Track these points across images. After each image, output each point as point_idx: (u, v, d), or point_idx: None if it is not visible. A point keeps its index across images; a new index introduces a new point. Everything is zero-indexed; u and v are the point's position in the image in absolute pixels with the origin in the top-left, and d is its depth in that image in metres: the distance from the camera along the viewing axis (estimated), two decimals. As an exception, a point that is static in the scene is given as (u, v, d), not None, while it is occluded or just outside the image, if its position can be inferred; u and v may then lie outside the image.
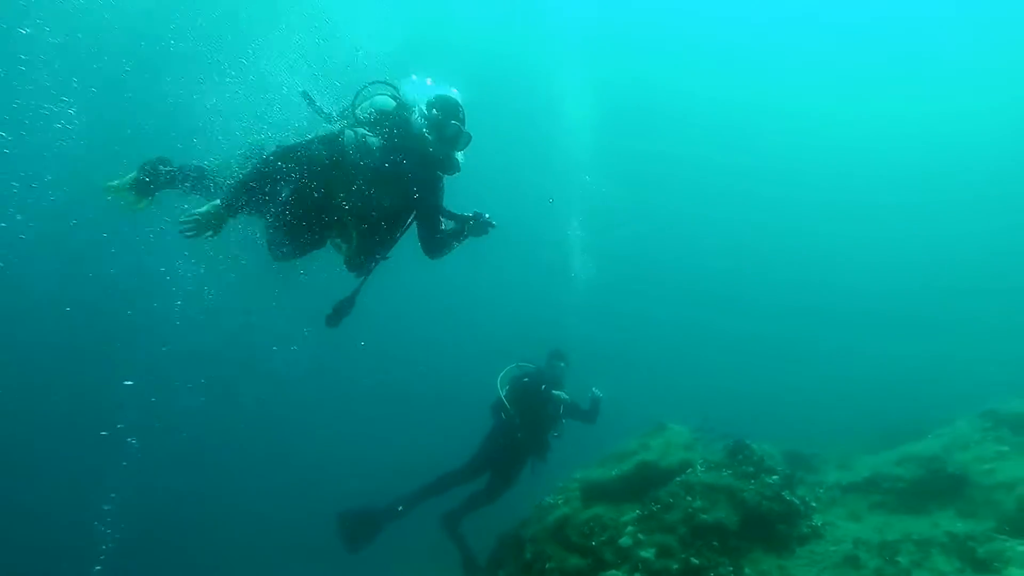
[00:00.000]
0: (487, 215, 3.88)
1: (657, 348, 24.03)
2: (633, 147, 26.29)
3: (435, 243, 3.95)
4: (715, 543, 4.46)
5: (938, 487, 4.81)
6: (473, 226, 3.88)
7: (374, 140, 3.44)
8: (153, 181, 3.96)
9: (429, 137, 3.50)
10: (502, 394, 6.40)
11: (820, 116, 29.13)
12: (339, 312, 3.75)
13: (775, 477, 4.95)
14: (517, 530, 5.94)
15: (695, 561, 4.32)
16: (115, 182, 4.01)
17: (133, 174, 4.04)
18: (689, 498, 4.80)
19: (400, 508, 6.32)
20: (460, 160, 3.63)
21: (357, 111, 3.64)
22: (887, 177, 29.08)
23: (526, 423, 6.31)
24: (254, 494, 16.07)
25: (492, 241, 4.14)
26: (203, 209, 3.27)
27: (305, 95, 3.78)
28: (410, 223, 3.83)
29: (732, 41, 27.17)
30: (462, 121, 3.56)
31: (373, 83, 3.71)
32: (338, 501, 6.60)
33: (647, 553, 4.47)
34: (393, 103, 3.63)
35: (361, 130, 3.45)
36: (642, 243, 27.95)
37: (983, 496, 4.39)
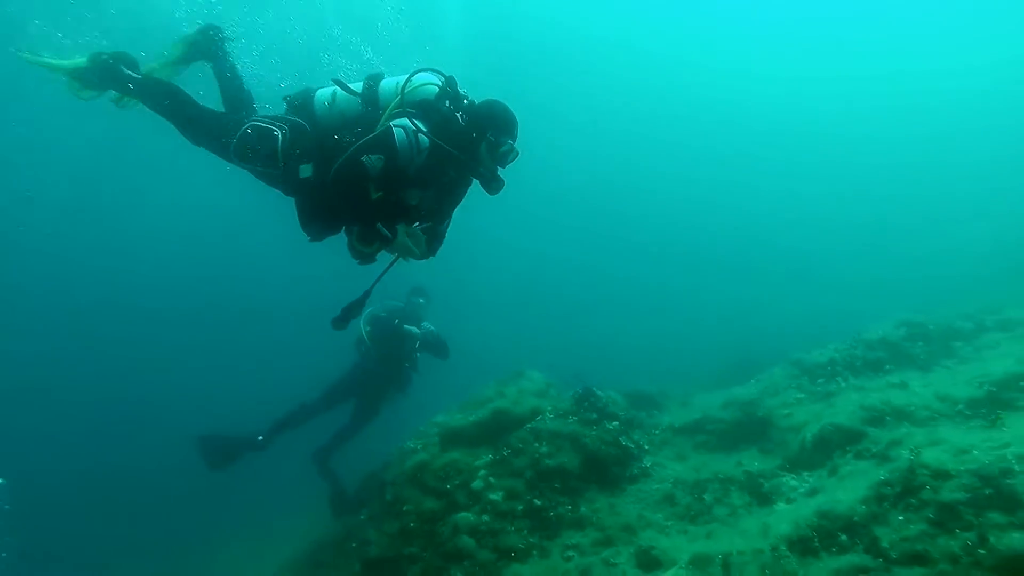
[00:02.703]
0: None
1: (528, 290, 24.66)
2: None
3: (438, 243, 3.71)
4: (557, 485, 4.87)
5: (749, 429, 5.52)
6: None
7: (424, 138, 3.16)
8: (103, 80, 3.57)
9: (481, 152, 3.27)
10: (364, 331, 6.65)
11: (683, 55, 29.75)
12: (347, 314, 3.53)
13: (615, 423, 5.44)
14: (380, 472, 6.17)
15: (538, 503, 4.71)
16: (48, 57, 3.59)
17: (82, 61, 3.56)
18: (537, 444, 5.16)
19: (260, 439, 6.46)
20: (503, 179, 3.39)
21: (406, 98, 3.31)
22: (748, 120, 30.49)
23: (382, 357, 6.62)
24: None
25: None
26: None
27: (338, 83, 3.44)
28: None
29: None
30: (515, 138, 3.34)
31: (423, 70, 3.38)
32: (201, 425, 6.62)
33: (496, 496, 4.81)
34: (438, 94, 3.32)
35: (410, 125, 3.14)
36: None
37: (780, 437, 5.10)
